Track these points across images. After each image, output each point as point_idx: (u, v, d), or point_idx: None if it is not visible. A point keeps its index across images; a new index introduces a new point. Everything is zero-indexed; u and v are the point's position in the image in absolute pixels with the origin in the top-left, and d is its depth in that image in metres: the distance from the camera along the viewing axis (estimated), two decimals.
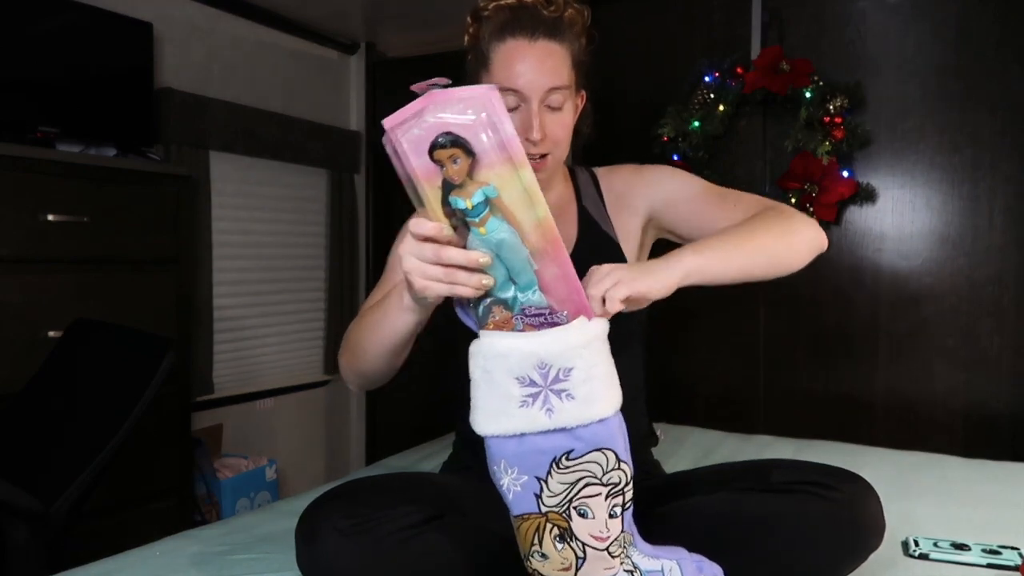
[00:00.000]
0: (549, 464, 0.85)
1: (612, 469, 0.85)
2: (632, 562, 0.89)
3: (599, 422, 0.84)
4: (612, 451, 0.85)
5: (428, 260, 0.84)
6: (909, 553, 1.25)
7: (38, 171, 2.08)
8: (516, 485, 0.86)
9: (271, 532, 1.34)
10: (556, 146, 1.16)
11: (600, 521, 0.86)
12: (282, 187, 3.24)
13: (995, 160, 2.38)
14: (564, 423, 0.83)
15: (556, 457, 0.84)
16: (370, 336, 1.06)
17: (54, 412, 1.68)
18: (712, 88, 2.62)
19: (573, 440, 0.84)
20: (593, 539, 0.86)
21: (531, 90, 1.12)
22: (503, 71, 1.13)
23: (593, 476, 0.85)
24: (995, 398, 2.40)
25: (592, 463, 0.85)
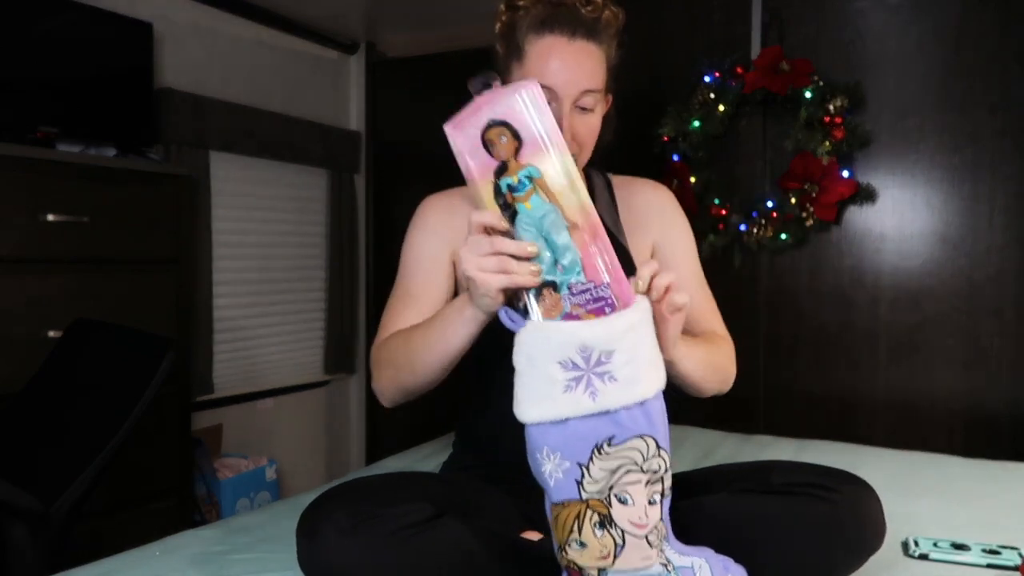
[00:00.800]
0: (591, 450, 0.86)
1: (652, 456, 0.87)
2: (666, 556, 0.90)
3: (640, 405, 0.85)
4: (652, 438, 0.86)
5: (484, 252, 0.88)
6: (909, 553, 1.26)
7: (38, 171, 2.08)
8: (559, 472, 0.88)
9: (271, 532, 1.34)
10: (582, 149, 1.16)
11: (640, 508, 0.87)
12: (282, 187, 3.25)
13: (995, 160, 2.38)
14: (607, 405, 0.85)
15: (598, 443, 0.86)
16: (426, 354, 1.06)
17: (54, 412, 1.68)
18: (712, 88, 2.62)
19: (614, 426, 0.86)
20: (633, 526, 0.87)
21: (566, 90, 1.11)
22: (538, 65, 1.11)
23: (633, 463, 0.86)
24: (995, 398, 2.40)
25: (633, 450, 0.86)
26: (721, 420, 2.34)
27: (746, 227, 2.60)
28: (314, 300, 3.44)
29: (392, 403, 1.18)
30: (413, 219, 1.27)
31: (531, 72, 1.12)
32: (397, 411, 3.77)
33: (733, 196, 2.66)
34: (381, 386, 1.17)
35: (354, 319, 3.56)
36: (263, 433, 3.20)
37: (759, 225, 2.58)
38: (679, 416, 2.28)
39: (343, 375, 3.58)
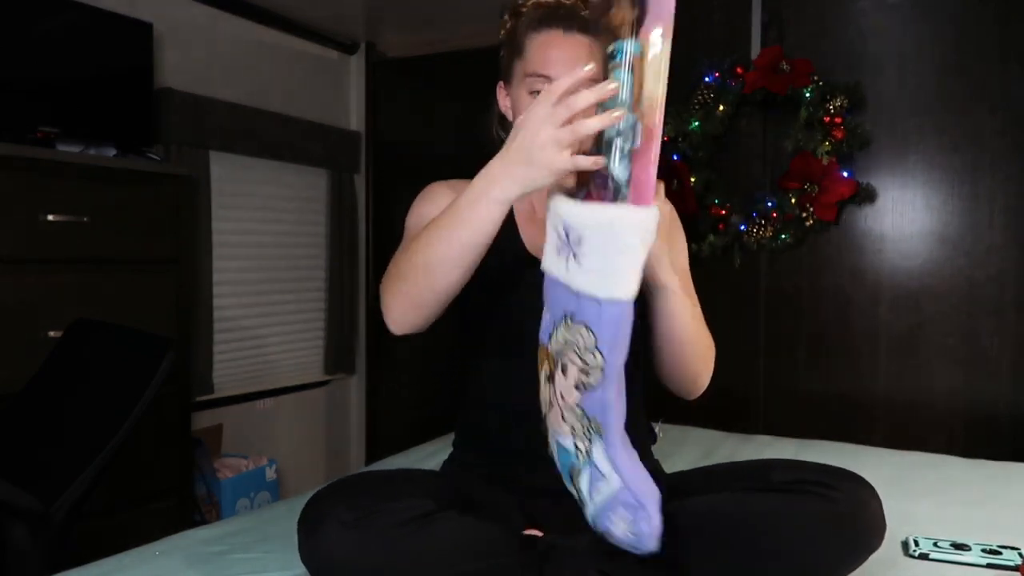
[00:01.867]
0: (562, 315, 0.92)
1: (588, 349, 0.89)
2: (588, 445, 0.93)
3: (591, 298, 0.87)
4: (593, 334, 0.89)
5: (560, 120, 0.86)
6: (909, 553, 1.26)
7: (38, 171, 2.08)
8: (545, 316, 0.97)
9: (271, 532, 1.34)
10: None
11: (568, 385, 0.92)
12: (282, 187, 3.25)
13: (995, 160, 2.38)
14: (570, 282, 0.90)
15: (566, 312, 0.91)
16: (446, 247, 0.99)
17: (54, 412, 1.68)
18: (712, 88, 2.62)
19: (576, 303, 0.90)
20: (560, 395, 0.94)
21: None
22: (537, 58, 1.16)
23: (576, 345, 0.90)
24: (995, 398, 2.40)
25: (578, 334, 0.90)
26: (721, 420, 2.34)
27: (746, 227, 2.60)
28: (314, 300, 3.44)
29: (403, 326, 1.07)
30: (418, 197, 1.28)
31: (531, 64, 1.16)
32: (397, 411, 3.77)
33: (733, 196, 2.66)
34: (391, 305, 1.07)
35: (354, 319, 3.56)
36: (263, 433, 3.20)
37: (759, 225, 2.58)
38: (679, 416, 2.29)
39: (343, 375, 3.58)
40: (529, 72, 1.16)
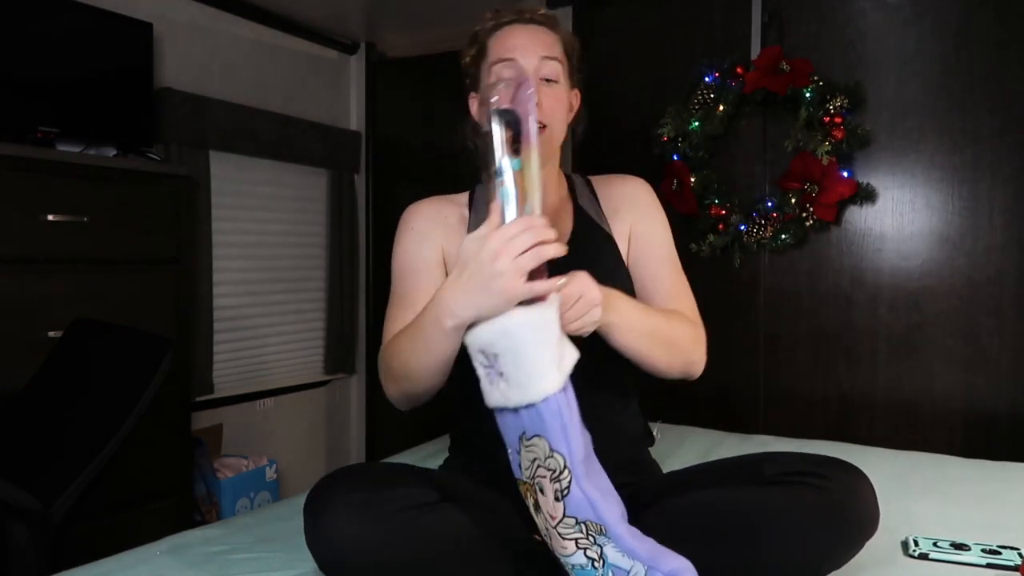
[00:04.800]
0: (519, 439, 0.92)
1: (547, 456, 0.89)
2: (602, 551, 0.91)
3: (527, 407, 0.88)
4: (545, 439, 0.89)
5: (523, 247, 0.88)
6: (909, 553, 1.26)
7: (38, 171, 2.08)
8: (511, 454, 0.95)
9: (271, 532, 1.34)
10: (553, 118, 1.21)
11: (550, 502, 0.91)
12: (282, 187, 3.25)
13: (995, 160, 2.38)
14: (507, 402, 0.90)
15: (521, 433, 0.91)
16: (416, 363, 1.07)
17: (54, 412, 1.68)
18: (712, 88, 2.62)
19: (520, 420, 0.90)
20: (549, 516, 0.92)
21: (525, 55, 1.19)
22: (500, 46, 1.22)
23: (539, 459, 0.90)
24: (995, 398, 2.39)
25: (536, 447, 0.90)
26: (721, 420, 2.34)
27: (746, 227, 2.60)
28: (314, 300, 3.44)
29: (407, 408, 1.20)
30: (400, 226, 1.30)
31: (495, 54, 1.22)
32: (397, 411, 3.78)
33: (733, 196, 2.66)
34: (390, 395, 1.18)
35: (354, 319, 3.56)
36: (263, 433, 3.20)
37: (759, 225, 2.58)
38: (679, 416, 2.29)
39: (343, 375, 3.58)
40: (494, 61, 1.21)
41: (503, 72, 1.19)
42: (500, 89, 1.10)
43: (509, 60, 1.19)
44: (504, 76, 1.19)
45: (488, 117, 0.92)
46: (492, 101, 0.98)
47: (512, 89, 1.00)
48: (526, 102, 0.93)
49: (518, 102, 0.95)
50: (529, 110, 0.93)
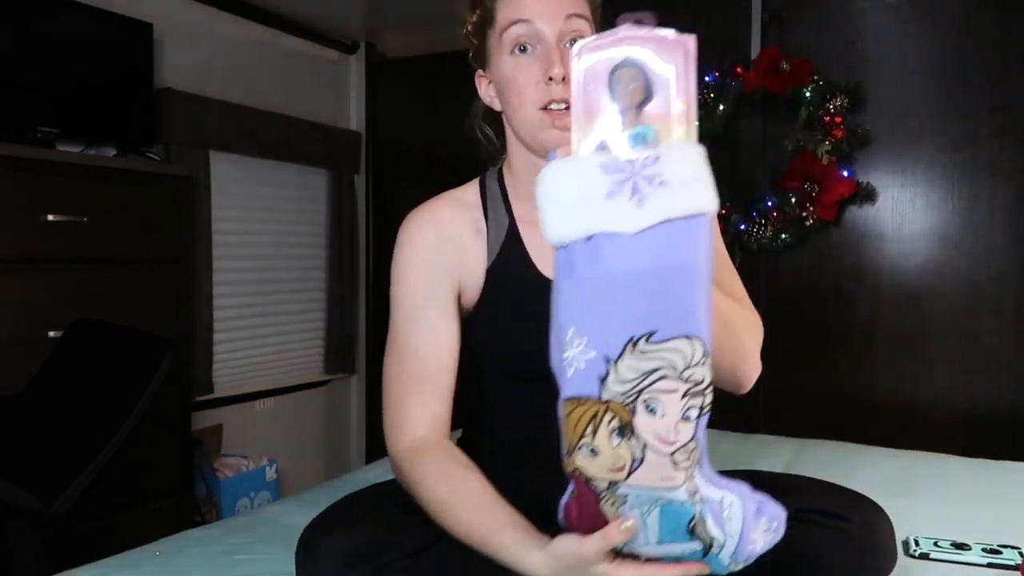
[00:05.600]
0: (625, 343, 0.71)
1: (696, 364, 0.71)
2: (695, 482, 0.75)
3: (691, 221, 0.70)
4: (700, 340, 0.70)
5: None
6: (910, 553, 1.25)
7: (38, 171, 2.08)
8: (580, 361, 0.72)
9: (271, 533, 1.33)
10: None
11: (670, 421, 0.72)
12: (282, 187, 3.24)
13: (995, 160, 2.38)
14: (657, 215, 0.69)
15: (635, 336, 0.70)
16: (470, 542, 0.89)
17: (54, 412, 1.68)
18: (712, 88, 2.62)
19: (660, 316, 0.70)
20: (658, 441, 0.72)
21: (546, 19, 0.97)
22: (511, 7, 0.99)
23: (672, 368, 0.71)
24: (995, 398, 2.39)
25: (675, 352, 0.70)
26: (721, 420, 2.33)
27: (746, 227, 2.60)
28: (314, 300, 3.43)
29: None
30: (403, 245, 1.07)
31: (504, 19, 0.99)
32: None
33: (733, 196, 2.66)
34: (421, 505, 0.97)
35: (354, 319, 3.56)
36: (263, 433, 3.20)
37: (759, 225, 2.58)
38: None
39: (343, 375, 3.58)
40: (505, 24, 0.99)
41: (520, 38, 0.98)
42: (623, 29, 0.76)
43: (524, 21, 0.98)
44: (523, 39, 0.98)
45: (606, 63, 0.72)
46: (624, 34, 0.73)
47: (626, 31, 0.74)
48: (682, 47, 0.71)
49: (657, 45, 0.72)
50: (684, 55, 0.71)
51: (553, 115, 0.96)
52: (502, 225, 1.07)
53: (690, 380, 0.71)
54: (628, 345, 0.70)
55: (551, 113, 0.96)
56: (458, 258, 1.05)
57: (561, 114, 0.95)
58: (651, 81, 0.71)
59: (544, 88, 0.96)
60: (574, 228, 0.71)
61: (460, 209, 1.08)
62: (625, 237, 0.69)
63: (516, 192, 1.09)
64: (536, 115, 0.97)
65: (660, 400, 0.72)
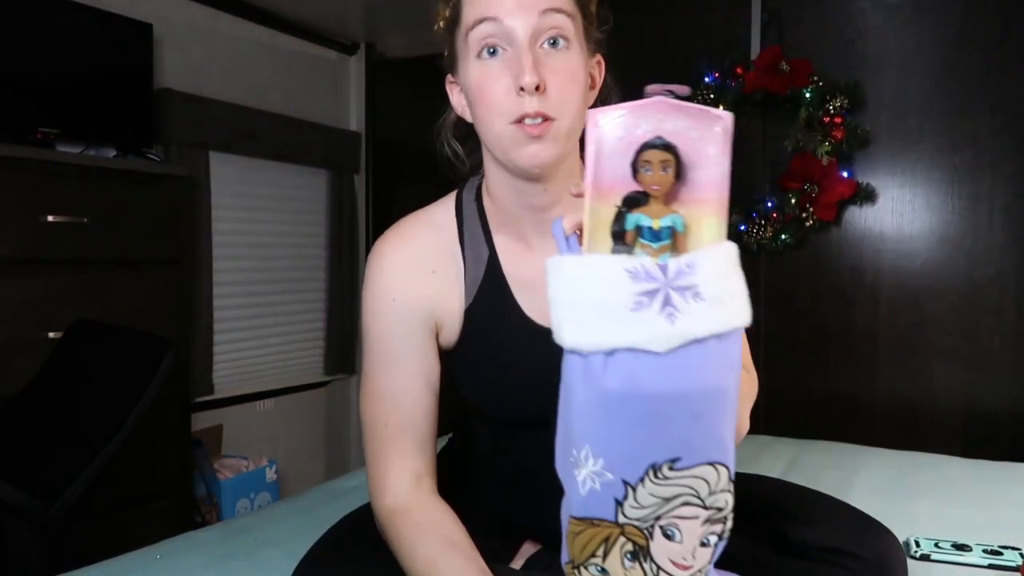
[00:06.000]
0: (646, 469, 0.66)
1: (720, 490, 0.67)
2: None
3: (731, 334, 0.66)
4: (725, 467, 0.67)
5: None
6: (911, 554, 1.25)
7: (38, 171, 2.08)
8: (595, 482, 0.67)
9: (272, 535, 1.33)
10: (563, 104, 0.83)
11: (688, 547, 0.69)
12: (282, 187, 3.24)
13: (995, 160, 2.38)
14: (690, 332, 0.63)
15: (656, 463, 0.65)
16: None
17: (54, 412, 1.68)
18: (712, 88, 2.62)
19: (680, 445, 0.65)
20: (673, 565, 0.69)
21: (516, 15, 0.82)
22: (476, 4, 0.84)
23: (695, 495, 0.67)
24: (995, 398, 2.40)
25: (699, 479, 0.67)
26: None
27: (746, 227, 2.60)
28: (314, 300, 3.43)
29: None
30: (368, 279, 0.97)
31: (470, 17, 0.84)
32: None
33: (733, 196, 2.65)
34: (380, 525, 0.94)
35: (354, 319, 3.56)
36: (263, 433, 3.20)
37: (759, 225, 2.58)
38: None
39: (343, 375, 3.58)
40: (470, 25, 0.84)
41: (487, 38, 0.83)
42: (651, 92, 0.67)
43: (491, 20, 0.82)
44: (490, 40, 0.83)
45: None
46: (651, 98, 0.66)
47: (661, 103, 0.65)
48: (713, 128, 0.65)
49: (687, 121, 0.65)
50: (717, 142, 0.65)
51: (527, 129, 0.82)
52: (481, 257, 0.95)
53: (712, 506, 0.68)
54: (649, 470, 0.65)
55: (525, 127, 0.82)
56: (433, 296, 0.94)
57: (537, 128, 0.82)
58: (683, 163, 0.65)
59: (516, 99, 0.82)
60: (594, 339, 0.63)
61: (435, 237, 0.96)
62: (653, 356, 0.62)
63: (495, 217, 0.95)
64: (507, 129, 0.83)
65: (679, 526, 0.68)
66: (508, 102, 0.82)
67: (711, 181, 0.66)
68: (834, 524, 0.96)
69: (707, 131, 0.65)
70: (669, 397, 0.63)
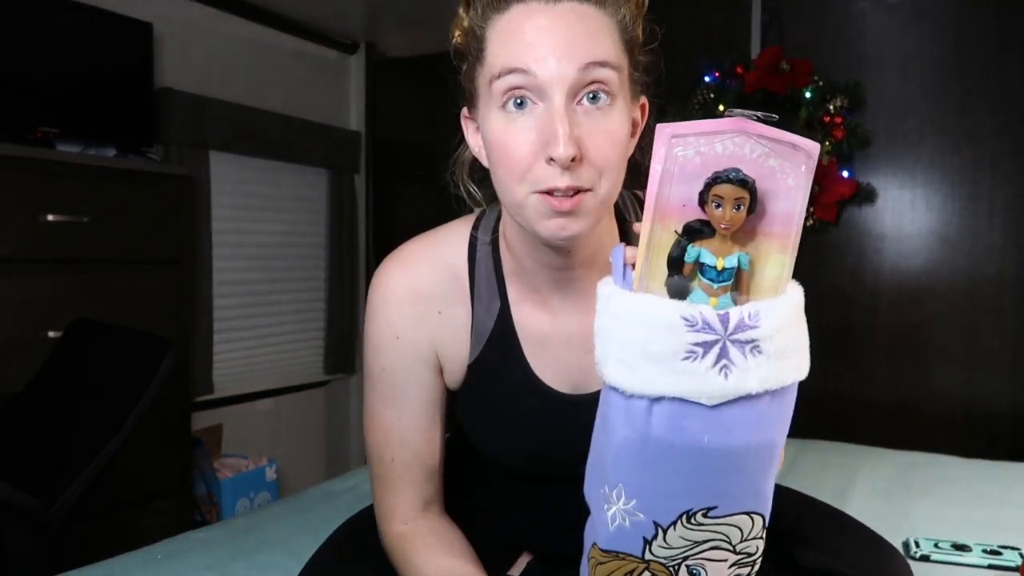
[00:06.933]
0: (679, 515, 0.63)
1: (752, 537, 0.66)
2: None
3: (786, 389, 0.63)
4: (760, 516, 0.65)
5: None
6: (910, 555, 1.25)
7: (38, 171, 2.08)
8: (624, 519, 0.64)
9: (272, 534, 1.33)
10: (600, 174, 0.71)
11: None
12: (282, 187, 3.24)
13: (995, 160, 2.38)
14: (743, 387, 0.59)
15: (691, 510, 0.63)
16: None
17: (54, 412, 1.68)
18: (712, 88, 2.62)
19: (719, 494, 0.63)
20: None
21: (552, 66, 0.69)
22: (504, 43, 0.71)
23: (727, 541, 0.65)
24: (995, 398, 2.39)
25: (732, 527, 0.64)
26: None
27: None
28: (314, 300, 3.43)
29: None
30: (371, 310, 0.89)
31: (496, 62, 0.71)
32: None
33: None
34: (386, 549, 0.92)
35: (354, 319, 3.56)
36: (263, 433, 3.20)
37: None
38: None
39: (343, 375, 3.58)
40: (496, 73, 0.71)
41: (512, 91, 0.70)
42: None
43: (521, 72, 0.69)
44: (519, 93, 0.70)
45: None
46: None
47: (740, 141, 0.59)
48: (795, 168, 0.59)
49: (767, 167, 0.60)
50: (791, 183, 0.60)
51: (554, 203, 0.70)
52: (492, 310, 0.86)
53: (742, 552, 0.66)
54: (683, 516, 0.63)
55: (551, 200, 0.70)
56: (437, 338, 0.87)
57: (568, 202, 0.70)
58: (757, 194, 0.60)
59: (545, 168, 0.70)
60: (640, 384, 0.60)
61: (443, 276, 0.87)
62: (701, 408, 0.59)
63: (509, 264, 0.86)
64: (531, 199, 0.71)
65: (706, 567, 0.66)
66: (535, 170, 0.70)
67: (784, 215, 0.62)
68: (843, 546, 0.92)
69: (788, 161, 0.60)
70: (714, 451, 0.61)
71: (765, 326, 0.60)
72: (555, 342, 0.84)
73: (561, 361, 0.84)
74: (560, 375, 0.85)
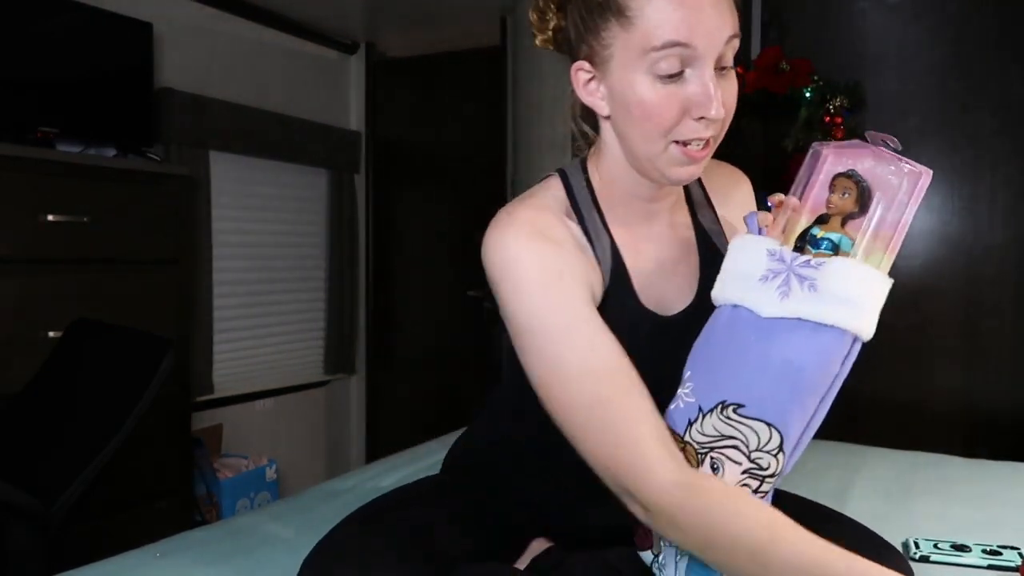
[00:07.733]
0: (717, 403, 0.78)
1: (766, 450, 0.78)
2: None
3: (828, 329, 0.76)
4: (780, 433, 0.77)
5: None
6: (910, 556, 1.25)
7: (38, 171, 2.08)
8: (682, 399, 0.82)
9: (272, 534, 1.33)
10: (725, 128, 0.87)
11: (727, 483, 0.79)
12: (282, 187, 3.25)
13: (995, 160, 2.38)
14: (790, 310, 0.76)
15: (726, 401, 0.78)
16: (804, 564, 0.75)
17: (54, 412, 1.68)
18: None
19: (753, 394, 0.77)
20: None
21: (709, 43, 0.80)
22: (668, 17, 0.79)
23: (744, 443, 0.77)
24: (995, 398, 2.39)
25: (752, 432, 0.77)
26: None
27: None
28: (314, 300, 3.44)
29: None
30: (505, 266, 0.84)
31: (655, 34, 0.79)
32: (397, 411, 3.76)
33: None
34: (686, 544, 0.80)
35: (354, 319, 3.56)
36: (263, 433, 3.20)
37: None
38: None
39: (343, 375, 3.58)
40: (654, 45, 0.79)
41: (671, 65, 0.80)
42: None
43: (684, 46, 0.79)
44: (678, 62, 0.80)
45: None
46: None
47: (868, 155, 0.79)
48: (906, 186, 0.77)
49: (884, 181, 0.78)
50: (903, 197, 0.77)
51: (691, 153, 0.84)
52: (604, 245, 0.92)
53: (755, 461, 0.78)
54: (719, 405, 0.78)
55: (688, 151, 0.84)
56: (583, 268, 0.87)
57: (702, 152, 0.85)
58: (867, 196, 0.78)
59: (690, 123, 0.82)
60: (728, 293, 0.82)
61: (557, 219, 0.89)
62: (759, 317, 0.78)
63: (613, 212, 0.94)
64: (670, 148, 0.84)
65: (724, 464, 0.79)
66: (681, 126, 0.83)
67: (892, 223, 0.78)
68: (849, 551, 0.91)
69: (905, 180, 0.77)
70: (754, 349, 0.77)
71: (825, 272, 0.75)
72: (656, 272, 0.95)
73: (654, 285, 0.94)
74: (651, 298, 0.94)
